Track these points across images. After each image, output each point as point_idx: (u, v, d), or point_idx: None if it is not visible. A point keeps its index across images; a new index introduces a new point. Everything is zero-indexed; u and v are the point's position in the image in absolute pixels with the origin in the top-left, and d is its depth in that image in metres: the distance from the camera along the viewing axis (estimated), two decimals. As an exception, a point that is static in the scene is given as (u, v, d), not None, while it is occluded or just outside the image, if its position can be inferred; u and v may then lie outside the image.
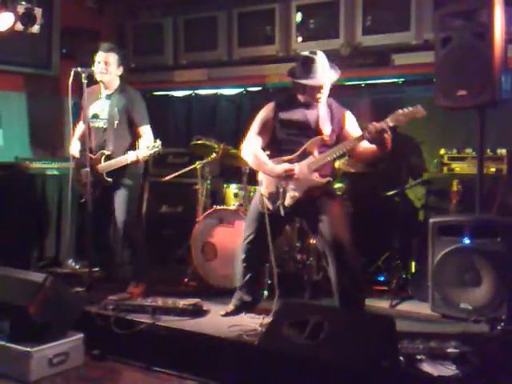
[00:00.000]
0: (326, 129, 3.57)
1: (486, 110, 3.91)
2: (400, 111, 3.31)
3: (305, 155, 3.55)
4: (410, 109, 3.31)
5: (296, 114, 3.60)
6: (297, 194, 3.52)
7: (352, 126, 3.63)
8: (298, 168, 3.51)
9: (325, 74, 3.53)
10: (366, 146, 3.47)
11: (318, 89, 3.53)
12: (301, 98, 3.61)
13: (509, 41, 3.85)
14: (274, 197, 3.57)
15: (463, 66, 3.84)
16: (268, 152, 3.69)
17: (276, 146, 3.66)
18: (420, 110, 3.29)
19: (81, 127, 4.44)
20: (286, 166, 3.52)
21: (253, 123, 3.71)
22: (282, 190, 3.53)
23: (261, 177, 3.71)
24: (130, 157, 4.04)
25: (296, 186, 3.53)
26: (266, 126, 3.66)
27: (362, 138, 3.39)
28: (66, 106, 4.23)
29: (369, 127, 3.30)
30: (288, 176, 3.50)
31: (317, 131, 3.57)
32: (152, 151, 3.99)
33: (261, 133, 3.66)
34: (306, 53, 3.58)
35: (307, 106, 3.60)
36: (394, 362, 2.91)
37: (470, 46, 3.84)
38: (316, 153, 3.53)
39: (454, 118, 4.47)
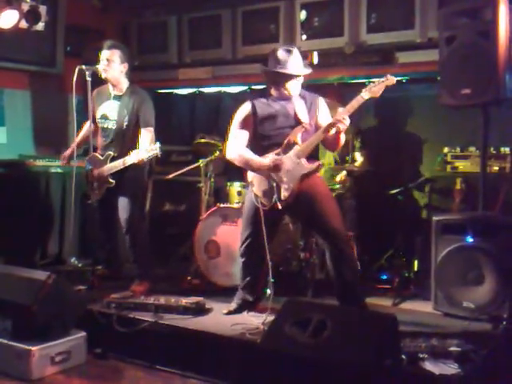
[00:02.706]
0: (304, 117, 3.66)
1: (489, 108, 3.90)
2: (371, 84, 3.52)
3: (290, 146, 3.61)
4: (381, 79, 3.52)
5: (274, 108, 3.68)
6: (291, 185, 3.56)
7: (324, 114, 3.75)
8: (285, 160, 3.57)
9: (297, 66, 3.61)
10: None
11: (289, 79, 3.60)
12: (274, 92, 3.69)
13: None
14: (269, 193, 3.60)
15: (467, 65, 3.82)
16: (254, 151, 3.70)
17: (260, 143, 3.69)
18: (390, 78, 3.51)
19: (87, 126, 4.44)
20: (272, 157, 3.58)
21: (232, 123, 3.76)
22: (275, 184, 3.57)
23: (250, 177, 3.74)
24: (131, 158, 4.03)
25: (288, 177, 3.57)
26: (246, 123, 3.70)
27: (333, 124, 3.51)
28: (71, 104, 4.24)
29: (334, 118, 3.51)
30: (276, 167, 3.56)
31: (296, 121, 3.64)
32: (150, 154, 3.96)
33: (242, 131, 3.71)
34: (277, 47, 3.68)
35: (282, 99, 3.68)
36: (396, 361, 2.90)
37: (474, 45, 3.82)
38: (300, 141, 3.60)
39: (457, 117, 4.45)
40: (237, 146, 3.71)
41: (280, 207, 3.56)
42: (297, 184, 3.56)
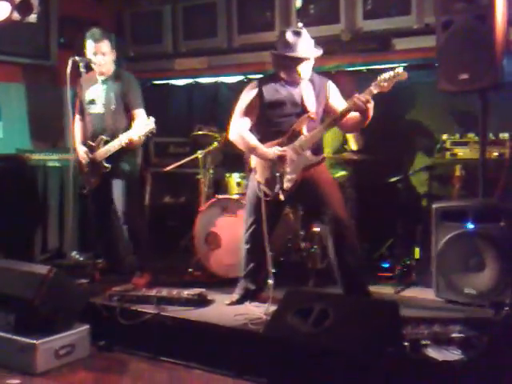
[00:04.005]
0: (311, 105, 3.60)
1: (488, 93, 3.88)
2: (381, 77, 3.40)
3: (295, 135, 3.57)
4: (392, 73, 3.40)
5: (281, 94, 3.61)
6: (294, 176, 3.54)
7: (336, 97, 3.68)
8: (290, 150, 3.53)
9: (307, 48, 3.54)
10: (350, 115, 3.53)
11: (299, 62, 3.53)
12: (283, 75, 3.62)
13: (510, 23, 3.81)
14: (272, 182, 3.57)
15: (465, 50, 3.81)
16: (258, 136, 3.67)
17: (265, 129, 3.65)
18: (401, 73, 3.39)
19: (78, 120, 4.41)
20: (277, 149, 3.54)
21: (237, 104, 3.70)
22: (278, 174, 3.53)
23: (254, 164, 3.71)
24: (123, 138, 4.01)
25: (292, 168, 3.54)
26: (251, 106, 3.65)
27: (349, 109, 3.46)
28: (66, 96, 4.21)
29: (355, 99, 3.38)
30: (281, 159, 3.51)
31: (303, 109, 3.59)
32: (145, 129, 3.95)
33: (247, 113, 3.65)
34: (286, 29, 3.60)
35: (290, 83, 3.62)
36: (398, 348, 2.92)
37: (471, 29, 3.80)
38: (305, 131, 3.55)
39: (456, 103, 4.44)
40: (240, 128, 3.65)
41: (283, 198, 3.54)
42: (300, 175, 3.54)
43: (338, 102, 3.66)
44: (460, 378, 2.84)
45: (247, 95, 3.68)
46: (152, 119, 3.98)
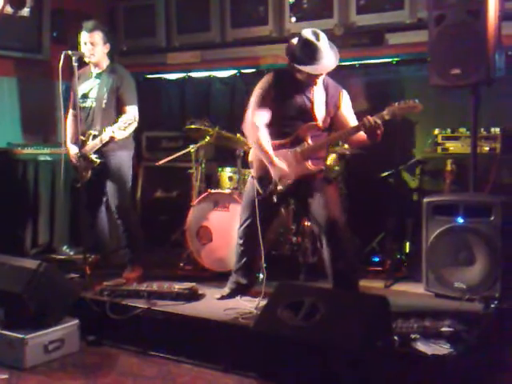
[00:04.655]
0: (320, 113, 3.53)
1: (479, 88, 3.88)
2: (397, 105, 3.31)
3: (298, 141, 3.51)
4: (409, 102, 3.30)
5: (292, 95, 3.51)
6: (289, 182, 3.50)
7: (347, 109, 3.59)
8: (290, 154, 3.48)
9: (326, 62, 3.41)
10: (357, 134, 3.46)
11: (319, 75, 3.46)
12: (299, 76, 3.49)
13: (503, 18, 3.81)
14: (265, 181, 3.55)
15: (457, 45, 3.81)
16: (268, 130, 3.58)
17: (270, 126, 3.55)
18: (417, 105, 3.30)
19: (72, 115, 4.39)
20: (283, 172, 3.46)
21: (253, 95, 3.57)
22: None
23: (251, 158, 3.68)
24: (108, 132, 3.99)
25: (289, 171, 3.49)
26: (267, 97, 3.51)
27: (357, 129, 3.39)
28: (58, 91, 4.18)
29: (365, 122, 3.30)
30: (281, 179, 3.47)
31: (311, 115, 3.51)
32: (127, 125, 3.93)
33: (264, 105, 3.51)
34: (308, 35, 3.40)
35: (304, 86, 3.52)
36: (388, 342, 2.92)
37: (463, 24, 3.80)
38: (309, 139, 3.49)
39: (448, 98, 4.44)
40: (259, 122, 3.50)
41: (275, 200, 3.51)
42: (295, 181, 3.49)
43: (347, 114, 3.57)
44: (449, 371, 2.85)
45: (263, 85, 3.55)
46: (136, 116, 3.98)
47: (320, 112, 3.53)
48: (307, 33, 3.43)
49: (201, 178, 4.84)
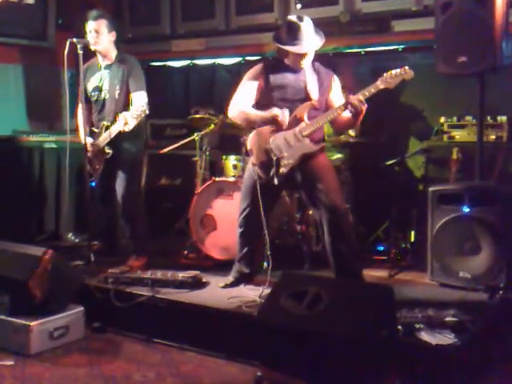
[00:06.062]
0: (314, 93, 3.58)
1: (486, 76, 3.85)
2: (388, 74, 3.40)
3: (295, 121, 3.54)
4: (398, 71, 3.40)
5: (285, 78, 3.60)
6: (291, 161, 3.51)
7: (337, 93, 3.67)
8: (289, 135, 3.51)
9: (309, 42, 3.50)
10: (342, 115, 3.54)
11: (302, 56, 3.52)
12: (287, 62, 3.61)
13: (510, 5, 3.76)
14: (267, 165, 3.55)
15: (463, 32, 3.77)
16: None
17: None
18: (408, 72, 3.40)
19: (83, 109, 4.37)
20: (276, 111, 3.51)
21: (240, 83, 3.68)
22: (275, 158, 3.51)
23: (250, 145, 3.68)
24: (120, 121, 3.97)
25: (289, 153, 3.52)
26: (254, 86, 3.62)
27: (345, 106, 3.45)
28: (63, 78, 4.18)
29: (351, 99, 3.38)
30: (275, 121, 3.51)
31: (306, 96, 3.57)
32: (138, 112, 3.91)
33: (249, 94, 3.63)
34: (292, 18, 3.54)
35: (294, 70, 3.60)
36: (392, 332, 2.92)
37: (470, 12, 3.76)
38: (306, 118, 3.53)
39: (454, 85, 4.40)
40: (239, 104, 3.63)
41: (276, 183, 3.52)
42: (297, 161, 3.50)
43: (336, 99, 3.63)
44: (453, 361, 2.84)
45: (251, 74, 3.66)
46: (145, 102, 3.97)
47: (314, 92, 3.59)
48: (292, 16, 3.59)
49: (205, 165, 4.83)
